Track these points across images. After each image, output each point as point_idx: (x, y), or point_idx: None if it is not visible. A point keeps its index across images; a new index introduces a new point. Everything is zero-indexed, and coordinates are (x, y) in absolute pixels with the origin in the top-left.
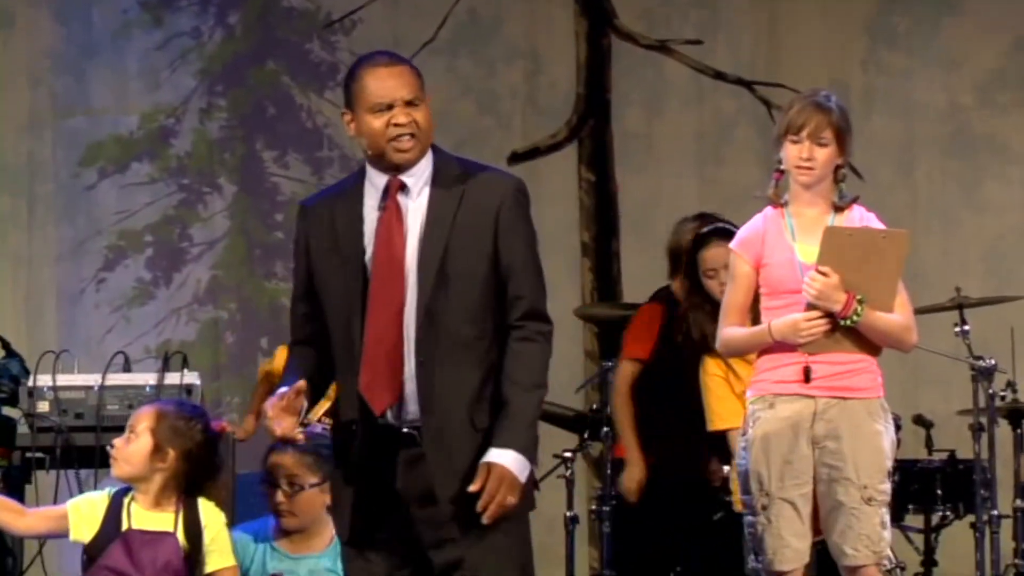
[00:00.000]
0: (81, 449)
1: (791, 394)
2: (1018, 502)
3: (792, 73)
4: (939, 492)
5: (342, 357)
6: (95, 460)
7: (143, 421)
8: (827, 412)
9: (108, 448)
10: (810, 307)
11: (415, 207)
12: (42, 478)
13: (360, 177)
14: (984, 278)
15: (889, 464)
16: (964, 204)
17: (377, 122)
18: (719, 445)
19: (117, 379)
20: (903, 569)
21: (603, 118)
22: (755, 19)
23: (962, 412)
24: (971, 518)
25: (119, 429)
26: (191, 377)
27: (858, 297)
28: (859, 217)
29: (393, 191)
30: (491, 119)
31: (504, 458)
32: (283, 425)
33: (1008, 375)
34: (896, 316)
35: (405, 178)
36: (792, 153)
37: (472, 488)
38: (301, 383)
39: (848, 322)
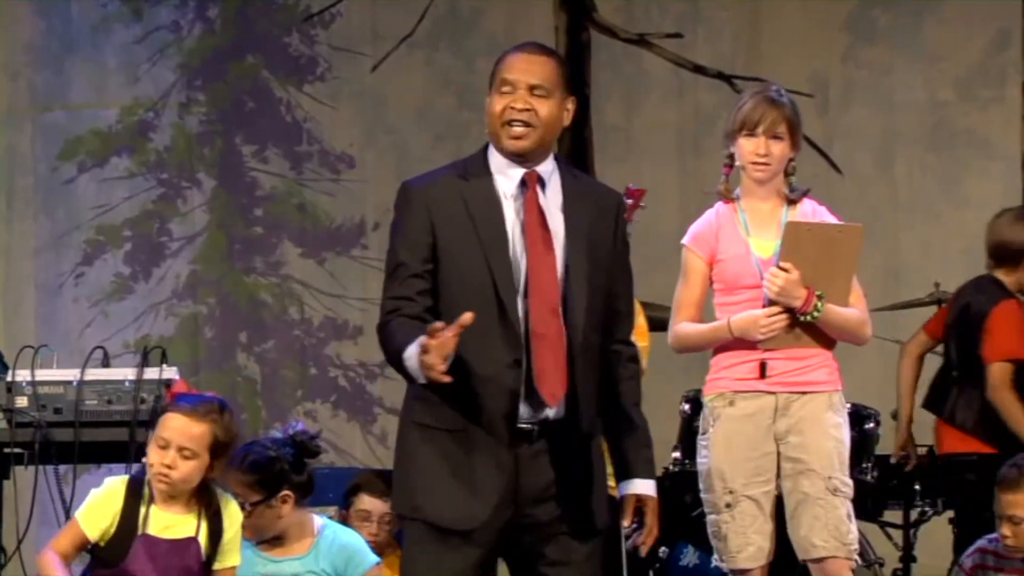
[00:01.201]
0: (60, 444)
1: (750, 391)
2: None
3: (772, 67)
4: (918, 487)
5: (476, 343)
6: (74, 455)
7: (200, 441)
8: (788, 407)
9: (152, 463)
10: (770, 303)
11: (550, 205)
12: (20, 473)
13: (483, 161)
14: (964, 273)
15: (847, 456)
16: (944, 199)
17: (497, 103)
18: None
19: (96, 374)
20: (882, 565)
21: (582, 112)
22: (735, 13)
23: None
24: (950, 513)
25: (98, 424)
26: (170, 372)
27: (818, 292)
28: (811, 210)
29: (532, 184)
30: (471, 113)
31: (652, 490)
32: (440, 369)
33: None
34: (852, 311)
35: (541, 171)
36: (747, 149)
37: (626, 523)
38: (468, 315)
39: (808, 318)
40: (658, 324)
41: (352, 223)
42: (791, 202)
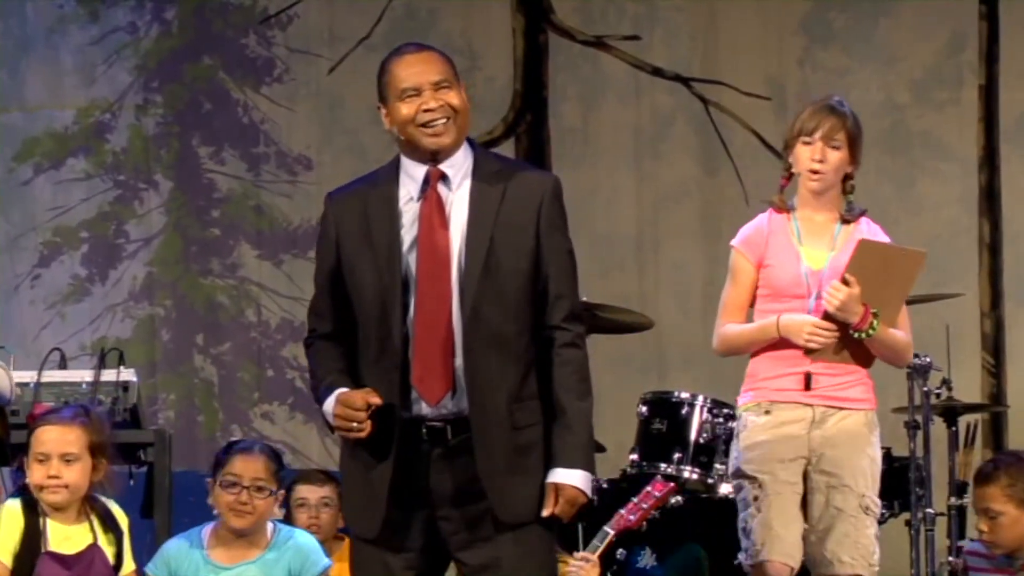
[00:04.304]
0: (16, 447)
1: (789, 402)
2: (953, 500)
3: (729, 70)
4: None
5: (374, 349)
6: None
7: (77, 444)
8: (825, 421)
9: (36, 481)
10: (825, 315)
11: (456, 199)
12: None
13: (394, 169)
14: (920, 275)
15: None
16: (899, 201)
17: (407, 108)
18: None
19: (53, 376)
20: None
21: (540, 114)
22: (692, 15)
23: (897, 410)
24: (906, 516)
25: None
26: (127, 374)
27: (873, 311)
28: (866, 228)
29: (433, 181)
30: None
31: (573, 478)
32: (368, 429)
33: (943, 373)
34: (901, 333)
35: (445, 168)
36: (804, 155)
37: (545, 513)
38: (376, 398)
39: (862, 335)
40: (614, 326)
41: (309, 225)
42: (846, 221)
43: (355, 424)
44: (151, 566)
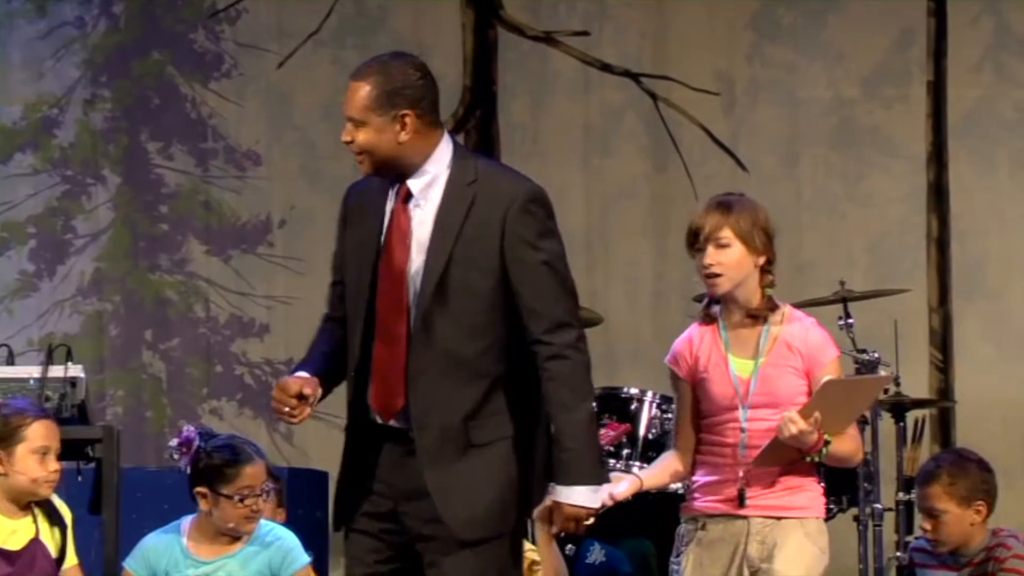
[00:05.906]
0: None
1: (723, 514)
2: (900, 495)
3: (678, 66)
4: (823, 485)
5: (350, 349)
6: None
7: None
8: (761, 532)
9: (37, 475)
10: (774, 439)
11: (423, 215)
12: None
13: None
14: (868, 271)
15: None
16: (848, 197)
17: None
18: None
19: (0, 372)
20: None
21: (489, 110)
22: (642, 11)
23: None
24: (854, 511)
25: None
26: (75, 370)
27: (826, 437)
28: (799, 327)
29: (401, 197)
30: None
31: (571, 496)
32: (302, 416)
33: (891, 368)
34: (849, 444)
35: (411, 184)
36: (698, 264)
37: (552, 532)
38: (316, 385)
39: (812, 458)
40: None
41: (258, 220)
42: (764, 317)
43: (287, 410)
44: (131, 562)
